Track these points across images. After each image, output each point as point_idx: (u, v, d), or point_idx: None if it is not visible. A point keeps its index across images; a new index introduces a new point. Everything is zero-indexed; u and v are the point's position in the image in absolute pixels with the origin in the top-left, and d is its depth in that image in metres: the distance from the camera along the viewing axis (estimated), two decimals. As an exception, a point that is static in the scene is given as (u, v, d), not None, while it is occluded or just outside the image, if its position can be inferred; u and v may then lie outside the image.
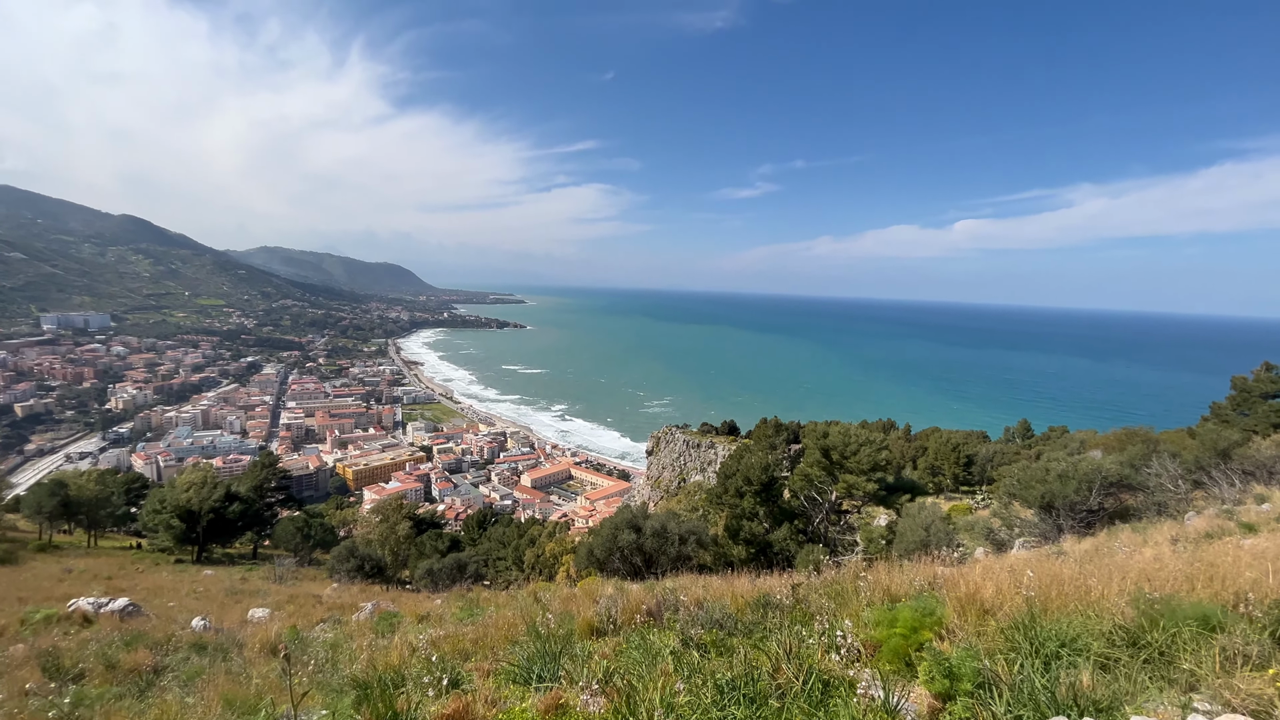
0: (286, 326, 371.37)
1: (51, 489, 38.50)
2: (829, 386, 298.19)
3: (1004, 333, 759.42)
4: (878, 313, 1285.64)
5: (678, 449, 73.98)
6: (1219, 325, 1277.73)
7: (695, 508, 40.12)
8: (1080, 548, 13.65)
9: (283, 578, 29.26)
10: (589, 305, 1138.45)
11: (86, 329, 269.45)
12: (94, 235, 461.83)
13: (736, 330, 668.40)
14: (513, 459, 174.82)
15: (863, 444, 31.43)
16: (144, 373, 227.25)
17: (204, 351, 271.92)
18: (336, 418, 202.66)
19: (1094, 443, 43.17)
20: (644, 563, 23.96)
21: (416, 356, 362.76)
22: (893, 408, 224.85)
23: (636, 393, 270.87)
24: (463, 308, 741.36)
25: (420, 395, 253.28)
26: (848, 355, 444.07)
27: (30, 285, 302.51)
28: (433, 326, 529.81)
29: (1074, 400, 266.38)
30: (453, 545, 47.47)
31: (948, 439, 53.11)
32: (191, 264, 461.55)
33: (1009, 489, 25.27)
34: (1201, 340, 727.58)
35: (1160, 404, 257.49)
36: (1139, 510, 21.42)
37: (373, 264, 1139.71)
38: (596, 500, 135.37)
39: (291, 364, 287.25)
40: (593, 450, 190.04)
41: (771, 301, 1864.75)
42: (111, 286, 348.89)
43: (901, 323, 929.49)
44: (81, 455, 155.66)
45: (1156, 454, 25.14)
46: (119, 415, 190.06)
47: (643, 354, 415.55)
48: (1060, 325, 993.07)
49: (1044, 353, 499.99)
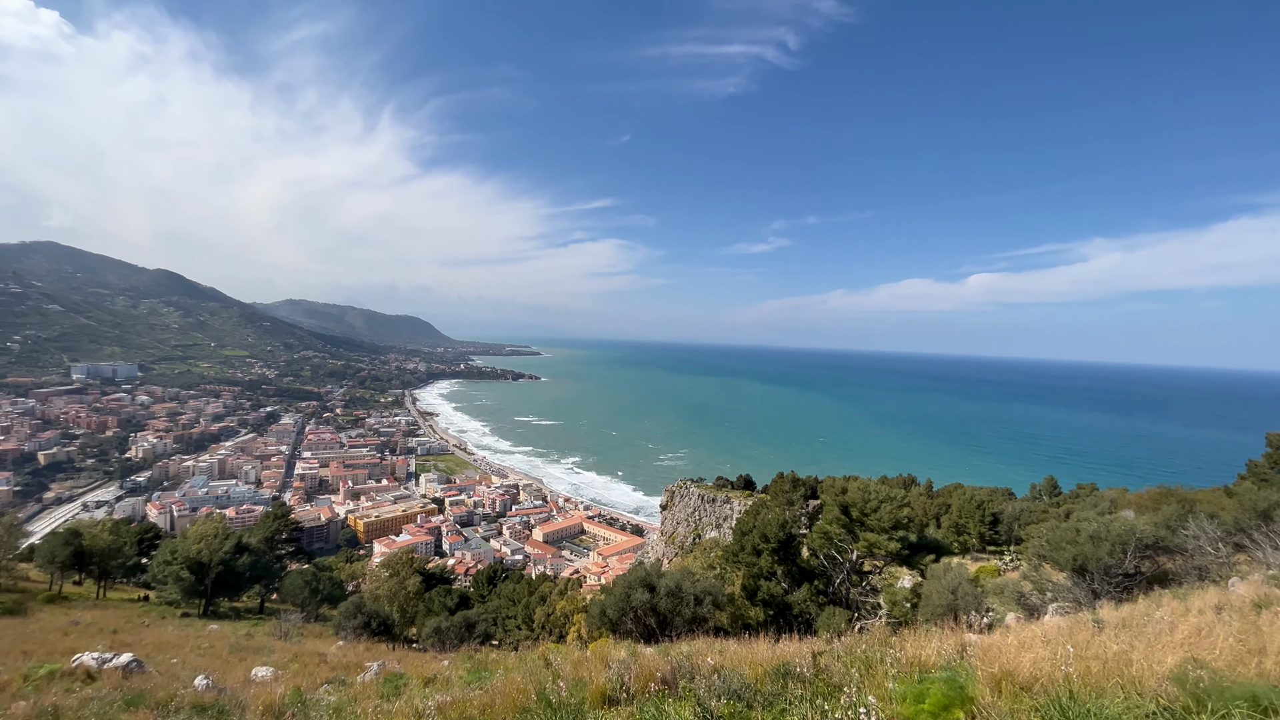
0: (307, 377, 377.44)
1: (65, 538, 38.52)
2: (846, 440, 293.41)
3: (1023, 386, 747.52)
4: (893, 365, 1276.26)
5: (692, 503, 72.59)
6: (1244, 379, 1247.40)
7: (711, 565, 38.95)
8: (1118, 615, 12.95)
9: (288, 634, 28.60)
10: (604, 357, 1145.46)
11: (114, 378, 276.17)
12: (129, 289, 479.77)
13: (750, 383, 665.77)
14: (525, 512, 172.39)
15: (883, 500, 30.59)
16: (165, 422, 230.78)
17: (225, 401, 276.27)
18: (350, 468, 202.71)
19: (1125, 502, 41.58)
20: (658, 624, 23.10)
21: (432, 407, 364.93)
22: (912, 463, 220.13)
23: (650, 445, 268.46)
24: (479, 359, 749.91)
25: (434, 446, 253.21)
26: (864, 408, 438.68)
27: (64, 336, 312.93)
28: (449, 378, 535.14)
29: (1101, 456, 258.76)
30: (462, 602, 46.29)
31: (971, 496, 51.50)
32: (219, 316, 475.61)
33: (1039, 550, 24.25)
34: (1228, 395, 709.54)
35: (1192, 461, 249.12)
36: (1179, 575, 20.38)
37: (393, 316, 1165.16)
38: (609, 556, 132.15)
39: (309, 414, 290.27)
40: (606, 504, 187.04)
41: (786, 354, 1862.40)
42: (141, 338, 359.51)
43: (918, 376, 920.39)
44: (98, 504, 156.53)
45: (1193, 514, 24.08)
46: (138, 464, 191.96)
47: (657, 406, 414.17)
48: (1081, 379, 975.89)
49: (1067, 407, 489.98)
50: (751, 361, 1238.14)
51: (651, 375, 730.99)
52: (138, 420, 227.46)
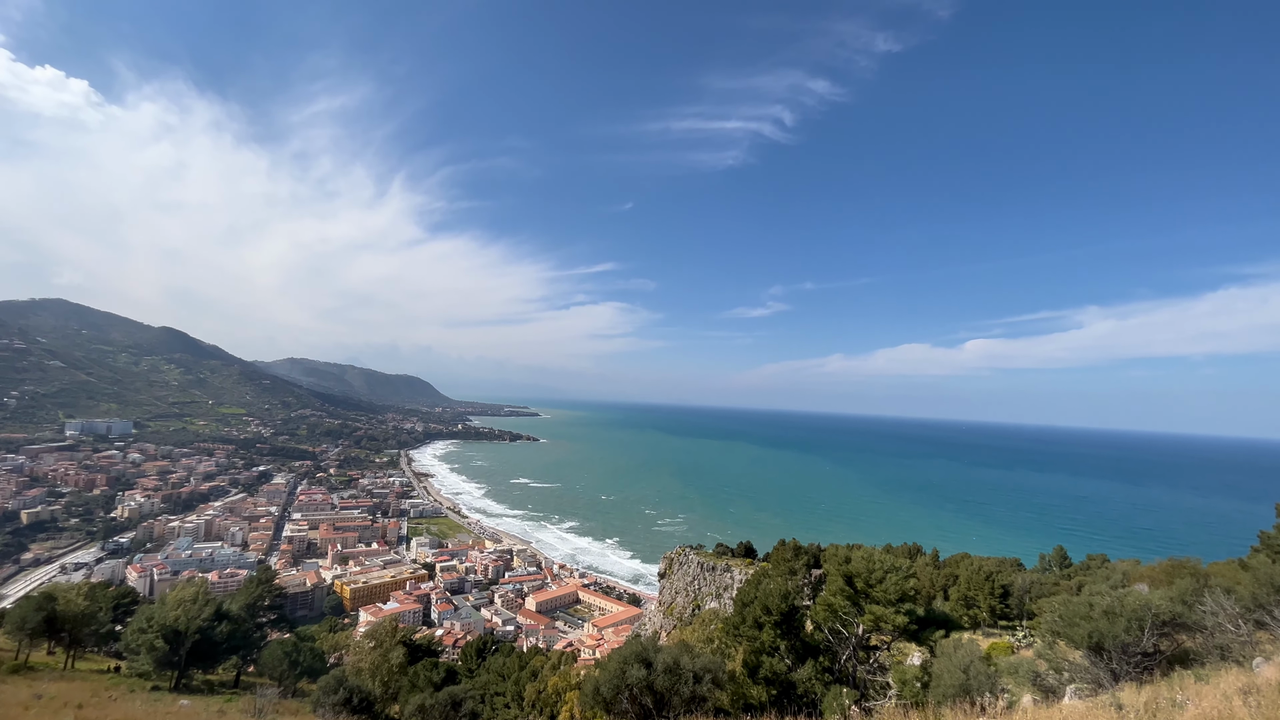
0: (303, 436, 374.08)
1: (39, 603, 36.96)
2: (848, 507, 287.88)
3: (1026, 452, 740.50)
4: (894, 430, 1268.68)
5: (691, 572, 70.25)
6: (1245, 447, 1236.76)
7: (710, 639, 37.25)
8: (1140, 699, 12.29)
9: (263, 711, 27.02)
10: (603, 419, 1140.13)
11: (108, 435, 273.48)
12: (132, 345, 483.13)
13: (750, 446, 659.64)
14: (518, 579, 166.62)
15: (888, 571, 29.62)
16: (155, 480, 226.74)
17: (218, 460, 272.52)
18: (340, 531, 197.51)
19: (1138, 575, 40.28)
20: (655, 704, 21.86)
21: (427, 468, 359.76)
22: (916, 531, 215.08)
23: (648, 510, 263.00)
24: (477, 420, 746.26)
25: (428, 509, 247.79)
26: (865, 473, 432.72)
27: (62, 392, 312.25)
28: (446, 438, 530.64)
29: (1110, 526, 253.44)
30: (449, 677, 43.97)
31: (979, 566, 49.86)
32: (219, 373, 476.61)
33: (1052, 626, 23.26)
34: (1231, 463, 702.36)
35: (1202, 531, 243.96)
36: (1200, 654, 19.48)
37: (393, 375, 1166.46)
38: (605, 628, 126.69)
39: (302, 474, 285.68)
40: (602, 572, 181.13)
41: (785, 418, 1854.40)
42: (139, 394, 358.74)
43: (919, 440, 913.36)
44: (77, 566, 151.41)
45: (1209, 589, 23.26)
46: (123, 524, 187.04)
47: (655, 469, 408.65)
48: (1083, 446, 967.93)
49: (1071, 474, 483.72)
50: (750, 424, 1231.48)
51: (650, 437, 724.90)
52: (127, 478, 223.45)
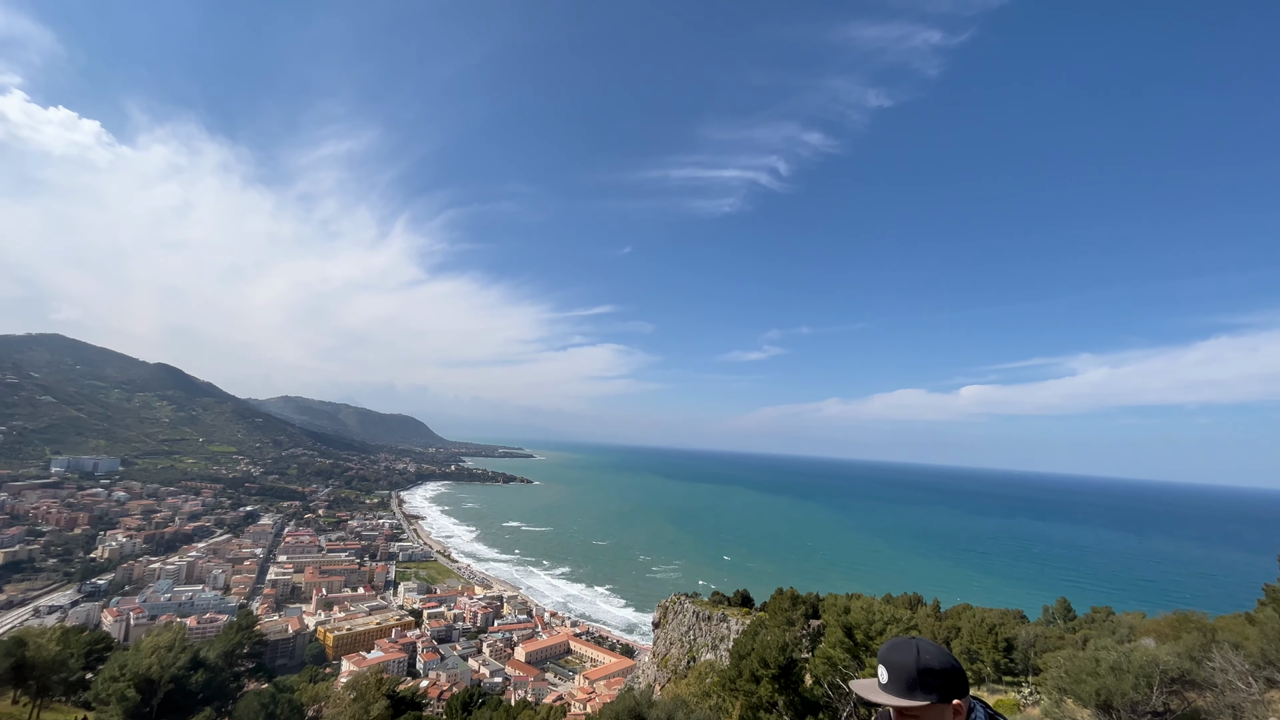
0: (293, 475, 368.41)
1: (8, 648, 35.54)
2: (847, 554, 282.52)
3: (1025, 500, 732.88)
4: (891, 476, 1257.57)
5: (687, 621, 68.28)
6: (1243, 497, 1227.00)
7: (707, 693, 35.90)
8: (1152, 762, 11.82)
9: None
10: (598, 461, 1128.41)
11: (94, 472, 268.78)
12: (126, 381, 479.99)
13: (747, 491, 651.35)
14: (508, 627, 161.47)
15: (889, 622, 28.89)
16: (139, 519, 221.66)
17: (204, 499, 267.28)
18: (326, 574, 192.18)
19: (1144, 629, 39.35)
20: (647, 763, 20.92)
21: (418, 510, 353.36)
22: (917, 580, 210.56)
23: (643, 556, 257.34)
24: (471, 461, 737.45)
25: (417, 552, 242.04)
26: (864, 520, 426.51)
27: (51, 428, 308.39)
28: (439, 479, 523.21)
29: (1111, 577, 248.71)
30: (432, 732, 42.07)
31: (982, 619, 48.71)
32: (212, 411, 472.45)
33: (1058, 683, 22.57)
34: (1232, 513, 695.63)
35: (1206, 583, 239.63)
36: (1210, 713, 18.88)
37: (387, 415, 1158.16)
38: (597, 680, 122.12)
39: (290, 514, 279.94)
40: (595, 621, 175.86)
41: (782, 462, 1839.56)
42: (129, 431, 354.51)
43: (917, 487, 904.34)
44: (51, 609, 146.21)
45: (1216, 644, 22.67)
46: (102, 565, 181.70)
47: (651, 513, 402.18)
48: (1082, 494, 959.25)
49: (1073, 523, 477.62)
50: (747, 469, 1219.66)
51: (645, 481, 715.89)
52: (110, 517, 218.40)
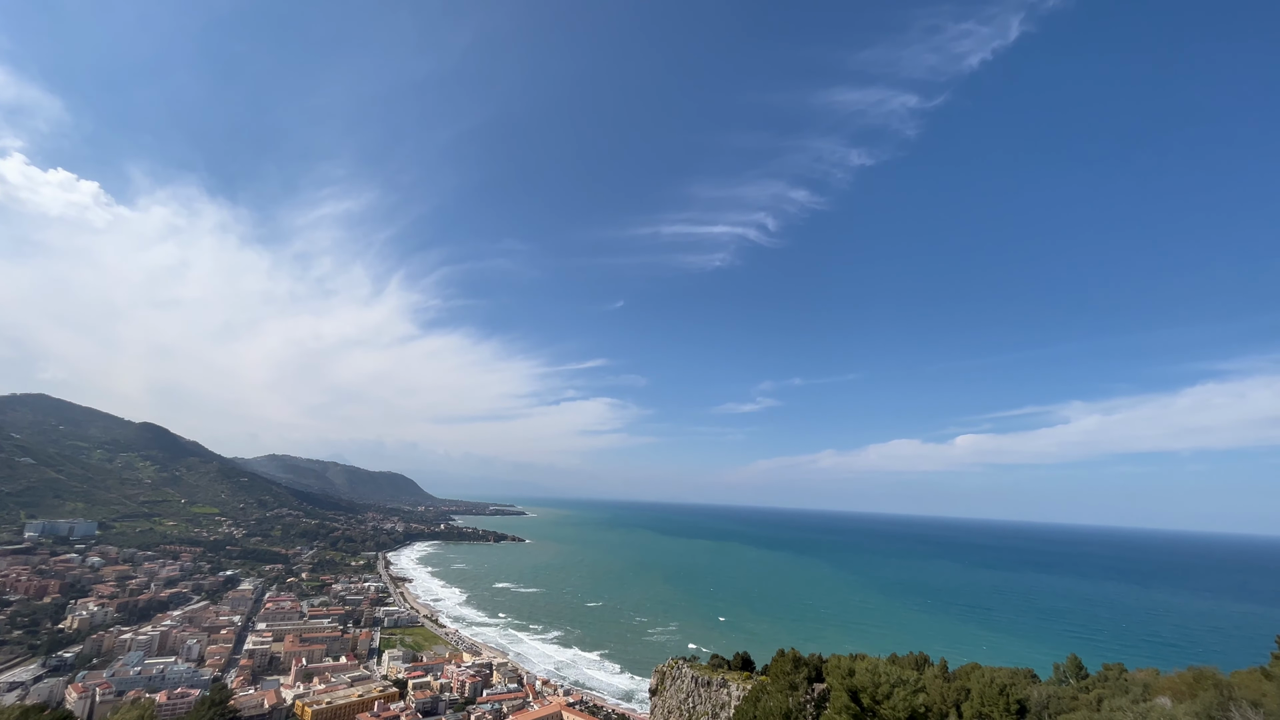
0: (276, 537, 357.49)
1: (-33, 729, 33.47)
2: (848, 612, 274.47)
3: (1027, 551, 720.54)
4: (889, 528, 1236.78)
5: (685, 688, 65.38)
6: (1244, 545, 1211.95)
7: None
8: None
9: None
10: (591, 518, 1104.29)
11: (69, 537, 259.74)
12: (109, 441, 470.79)
13: (744, 546, 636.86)
14: (497, 697, 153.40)
15: (895, 685, 27.95)
16: (113, 586, 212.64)
17: (183, 564, 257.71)
18: (307, 643, 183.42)
19: (1159, 686, 38.11)
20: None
21: (405, 572, 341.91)
22: (921, 638, 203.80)
23: (639, 618, 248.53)
24: (461, 519, 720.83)
25: (403, 617, 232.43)
26: (864, 576, 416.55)
27: (28, 490, 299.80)
28: (428, 539, 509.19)
29: (1122, 632, 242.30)
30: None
31: (992, 679, 46.89)
32: (196, 470, 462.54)
33: (1072, 745, 21.70)
34: (1236, 562, 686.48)
35: (1217, 636, 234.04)
36: (1231, 776, 18.18)
37: (376, 473, 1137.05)
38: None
39: (272, 578, 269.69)
40: (589, 689, 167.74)
41: (779, 515, 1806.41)
42: (109, 493, 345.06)
43: (916, 539, 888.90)
44: (11, 686, 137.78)
45: (1234, 702, 22.02)
46: (70, 636, 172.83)
47: (646, 572, 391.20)
48: (1083, 544, 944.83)
49: (1077, 575, 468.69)
50: (744, 523, 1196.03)
51: (640, 537, 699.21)
52: (83, 584, 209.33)
